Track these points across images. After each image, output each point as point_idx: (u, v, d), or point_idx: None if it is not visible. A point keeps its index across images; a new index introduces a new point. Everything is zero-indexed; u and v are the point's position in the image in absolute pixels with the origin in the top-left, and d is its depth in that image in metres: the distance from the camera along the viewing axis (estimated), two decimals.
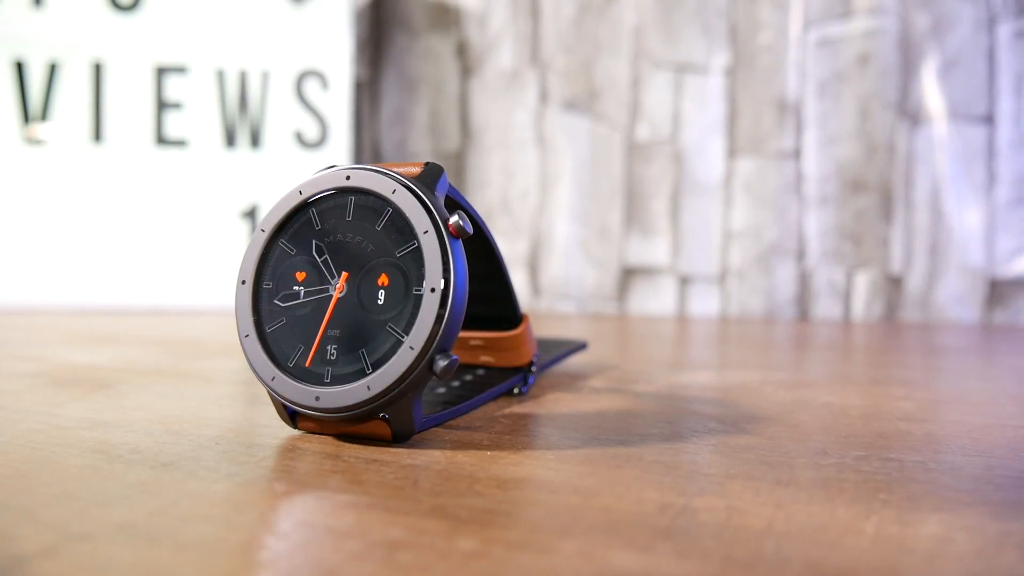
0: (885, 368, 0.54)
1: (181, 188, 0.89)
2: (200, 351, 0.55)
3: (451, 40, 1.05)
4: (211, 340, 0.64)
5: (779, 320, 0.90)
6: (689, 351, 0.64)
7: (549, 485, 0.24)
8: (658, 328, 0.80)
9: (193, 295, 0.89)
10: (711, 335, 0.75)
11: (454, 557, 0.18)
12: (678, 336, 0.75)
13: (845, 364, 0.55)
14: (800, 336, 0.74)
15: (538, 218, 1.01)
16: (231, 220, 0.90)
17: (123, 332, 0.66)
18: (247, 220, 0.91)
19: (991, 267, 0.82)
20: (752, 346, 0.66)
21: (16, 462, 0.26)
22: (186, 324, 0.73)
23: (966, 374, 0.52)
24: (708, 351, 0.64)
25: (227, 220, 0.90)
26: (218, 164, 0.90)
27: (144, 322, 0.74)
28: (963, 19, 0.82)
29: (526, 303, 1.02)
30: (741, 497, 0.23)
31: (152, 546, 0.19)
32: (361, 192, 0.29)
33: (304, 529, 0.20)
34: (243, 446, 0.28)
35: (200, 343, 0.61)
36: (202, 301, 0.89)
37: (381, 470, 0.25)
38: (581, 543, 0.19)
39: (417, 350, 0.27)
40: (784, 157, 0.90)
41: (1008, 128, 0.81)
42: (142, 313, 0.84)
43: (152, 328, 0.69)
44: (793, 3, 0.88)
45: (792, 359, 0.58)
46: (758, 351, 0.63)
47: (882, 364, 0.56)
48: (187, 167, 0.89)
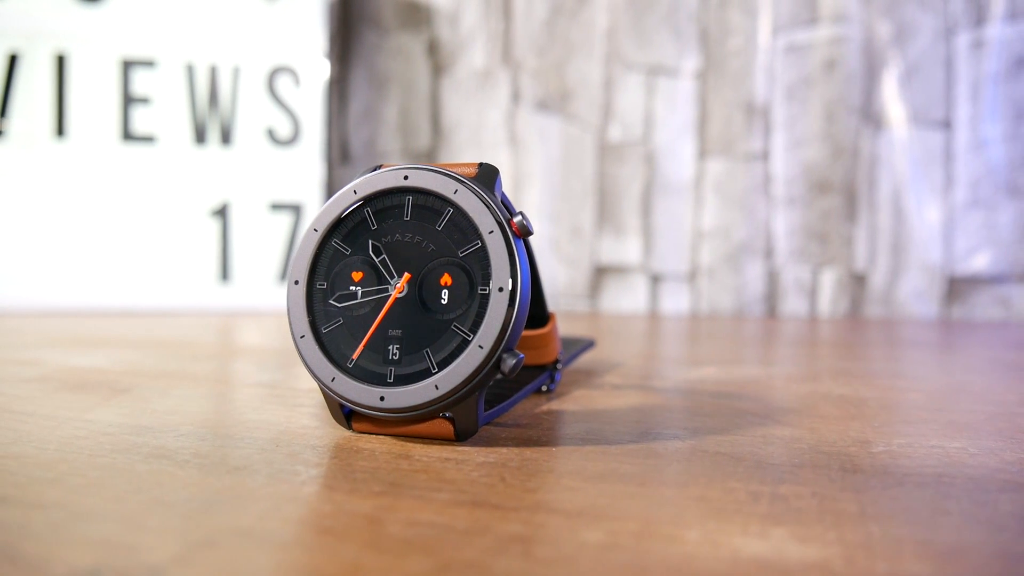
0: (875, 362, 0.56)
1: (149, 186, 0.86)
2: (197, 353, 0.54)
3: (422, 38, 1.04)
4: (201, 342, 0.62)
5: (749, 317, 0.92)
6: (682, 348, 0.65)
7: (634, 478, 0.25)
8: (635, 326, 0.81)
9: (162, 296, 0.86)
10: (691, 332, 0.77)
11: (588, 549, 0.19)
12: (660, 333, 0.76)
13: (835, 358, 0.57)
14: (776, 332, 0.76)
15: None
16: (201, 219, 0.88)
17: (105, 334, 0.64)
18: (217, 219, 0.89)
19: (949, 265, 0.86)
20: (736, 342, 0.68)
21: (82, 470, 0.25)
22: (165, 326, 0.71)
23: (954, 366, 0.55)
24: (699, 347, 0.65)
25: (197, 219, 0.88)
26: (187, 161, 0.88)
27: (119, 324, 0.72)
28: (923, 29, 0.85)
29: None
30: (819, 484, 0.24)
31: (283, 550, 0.19)
32: (420, 192, 0.30)
33: (426, 528, 0.20)
34: (306, 448, 0.28)
35: (192, 345, 0.60)
36: (172, 302, 0.86)
37: (461, 468, 0.26)
38: (700, 531, 0.20)
39: (487, 349, 0.27)
40: (753, 159, 0.92)
41: (965, 133, 0.85)
42: (110, 315, 0.81)
43: (132, 330, 0.67)
44: (762, 9, 0.91)
45: (783, 354, 0.60)
46: (745, 347, 0.65)
47: (870, 358, 0.58)
48: (155, 164, 0.87)
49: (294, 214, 0.91)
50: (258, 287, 0.90)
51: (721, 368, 0.50)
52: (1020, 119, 0.83)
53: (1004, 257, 0.85)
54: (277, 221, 0.91)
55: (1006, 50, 0.83)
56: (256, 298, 0.89)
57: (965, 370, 0.53)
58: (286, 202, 0.91)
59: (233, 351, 0.55)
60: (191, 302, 0.87)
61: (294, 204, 0.91)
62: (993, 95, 0.84)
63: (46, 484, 0.23)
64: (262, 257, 0.90)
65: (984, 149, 0.84)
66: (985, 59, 0.84)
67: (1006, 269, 0.85)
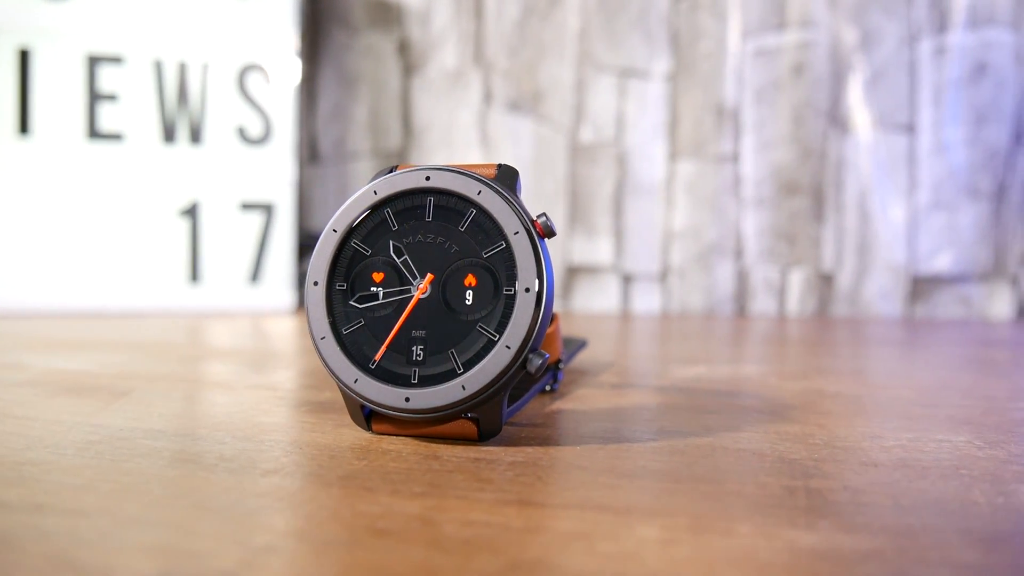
0: (855, 360, 0.58)
1: (116, 185, 0.84)
2: (183, 355, 0.53)
3: (392, 38, 1.04)
4: (182, 344, 0.61)
5: (719, 316, 0.94)
6: (663, 347, 0.66)
7: (667, 475, 0.25)
8: (609, 326, 0.82)
9: (131, 298, 0.84)
10: (667, 331, 0.78)
11: (648, 544, 0.19)
12: (637, 333, 0.77)
13: (816, 356, 0.58)
14: (749, 331, 0.77)
15: None
16: (170, 219, 0.86)
17: (80, 337, 0.62)
18: (187, 219, 0.87)
19: (913, 265, 0.89)
20: (714, 341, 0.69)
21: (110, 475, 0.24)
22: (138, 328, 0.70)
23: (932, 363, 0.57)
24: (680, 346, 0.66)
25: (166, 219, 0.86)
26: (156, 160, 0.86)
27: (91, 326, 0.70)
28: (888, 35, 0.88)
29: None
30: (846, 478, 0.25)
31: (347, 552, 0.18)
32: (442, 193, 0.30)
33: (482, 528, 0.20)
34: (329, 449, 0.28)
35: (174, 347, 0.58)
36: (140, 304, 0.84)
37: (495, 468, 0.26)
38: (751, 525, 0.20)
39: (514, 349, 0.28)
40: (723, 160, 0.94)
41: (928, 137, 0.87)
42: (78, 317, 0.79)
43: (106, 332, 0.66)
44: (732, 14, 0.92)
45: (765, 353, 0.61)
46: (724, 346, 0.66)
47: (849, 356, 0.60)
48: (122, 163, 0.85)
49: (265, 214, 0.90)
50: (228, 288, 0.88)
51: (710, 367, 0.51)
52: (980, 124, 0.86)
53: (965, 257, 0.88)
54: (248, 221, 0.89)
55: (967, 57, 0.86)
56: (226, 299, 0.88)
57: (945, 367, 0.55)
58: (257, 202, 0.89)
59: (218, 353, 0.54)
60: (160, 303, 0.85)
61: (265, 204, 0.90)
62: (955, 100, 0.86)
63: (78, 490, 0.23)
64: (232, 258, 0.89)
65: (946, 153, 0.87)
66: (947, 65, 0.86)
67: (967, 269, 0.88)
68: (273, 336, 0.68)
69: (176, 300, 0.86)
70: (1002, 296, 0.87)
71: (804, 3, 0.90)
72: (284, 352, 0.59)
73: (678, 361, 0.55)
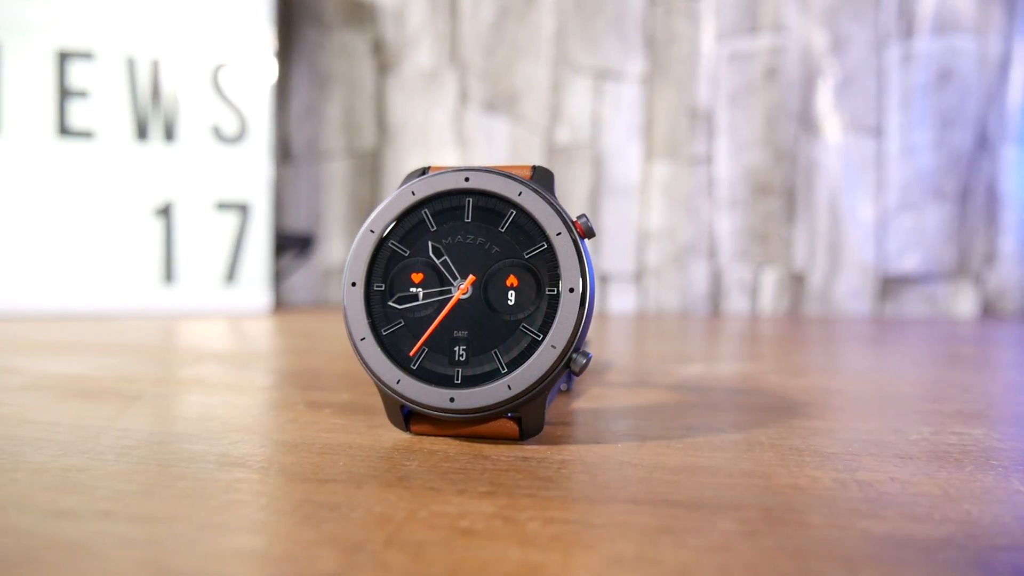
0: (843, 357, 0.60)
1: (87, 183, 0.82)
2: (178, 357, 0.52)
3: (366, 37, 1.03)
4: (172, 346, 0.60)
5: (694, 316, 0.95)
6: (653, 346, 0.67)
7: (719, 470, 0.26)
8: None
9: (103, 299, 0.82)
10: (648, 331, 0.79)
11: (736, 537, 0.19)
12: (619, 332, 0.78)
13: (804, 354, 0.60)
14: (728, 330, 0.79)
15: None
16: (143, 218, 0.84)
17: (61, 339, 0.61)
18: (161, 218, 0.85)
19: (882, 265, 0.92)
20: (698, 340, 0.70)
21: (164, 480, 0.24)
22: (116, 329, 0.68)
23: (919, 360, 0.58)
24: (670, 345, 0.67)
25: (139, 218, 0.84)
26: (128, 158, 0.84)
27: (68, 328, 0.68)
28: (857, 40, 0.91)
29: None
30: (889, 470, 0.26)
31: (444, 552, 0.19)
32: (481, 194, 0.30)
33: (564, 525, 0.20)
34: (376, 451, 0.28)
35: (164, 349, 0.57)
36: (113, 305, 0.82)
37: (548, 466, 0.26)
38: (820, 516, 0.21)
39: (560, 348, 0.28)
40: (697, 162, 0.96)
41: (896, 140, 0.90)
42: (51, 319, 0.77)
43: (85, 334, 0.64)
44: (705, 17, 0.94)
45: (753, 351, 0.63)
46: (710, 344, 0.67)
47: (836, 353, 0.61)
48: (94, 161, 0.82)
49: (241, 214, 0.88)
50: (204, 289, 0.87)
51: (708, 365, 0.52)
52: (945, 128, 0.89)
53: (931, 257, 0.91)
54: (223, 221, 0.88)
55: (933, 63, 0.89)
56: (202, 300, 0.86)
57: (933, 364, 0.56)
58: (232, 201, 0.88)
59: (212, 355, 0.53)
60: (133, 305, 0.83)
61: (241, 203, 0.88)
62: (921, 105, 0.89)
63: (139, 496, 0.22)
64: (208, 258, 0.87)
65: (913, 156, 0.90)
66: (914, 71, 0.89)
67: (933, 268, 0.91)
68: (259, 337, 0.67)
69: (150, 301, 0.84)
70: (966, 295, 0.91)
71: (776, 8, 0.92)
72: (278, 353, 0.58)
73: (674, 360, 0.55)
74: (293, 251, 1.06)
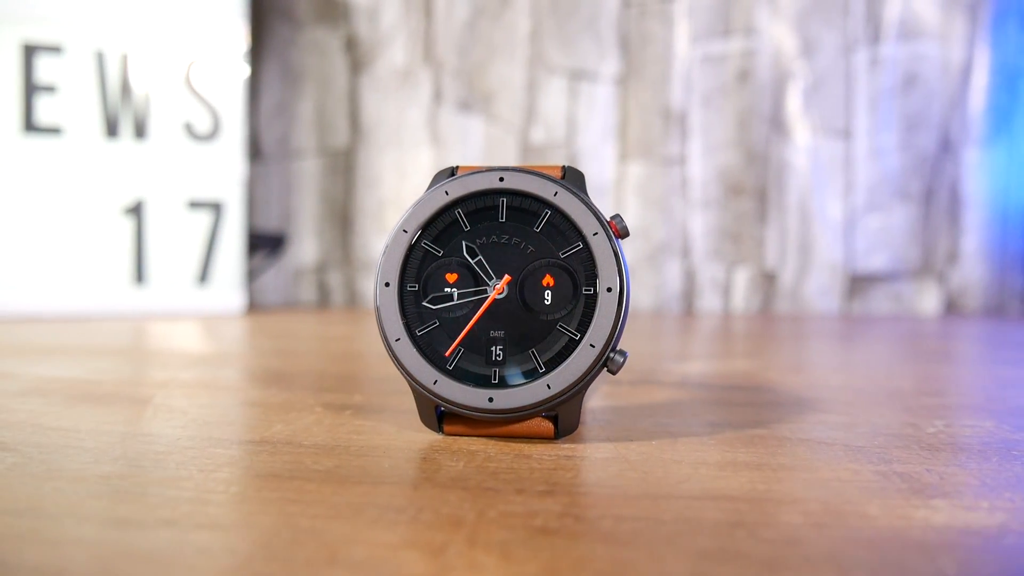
0: (828, 354, 0.61)
1: (55, 181, 0.80)
2: (172, 360, 0.51)
3: (339, 34, 1.02)
4: (160, 347, 0.58)
5: (668, 314, 0.97)
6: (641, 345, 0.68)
7: (764, 465, 0.26)
8: None
9: (72, 300, 0.80)
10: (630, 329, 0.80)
11: (805, 529, 0.20)
12: None
13: (792, 351, 0.61)
14: (708, 328, 0.80)
15: None
16: (113, 217, 0.82)
17: (40, 342, 0.59)
18: (131, 217, 0.83)
19: (850, 264, 0.94)
20: (684, 337, 0.71)
21: (215, 486, 0.24)
22: (93, 331, 0.66)
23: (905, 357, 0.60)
24: (658, 344, 0.68)
25: (109, 217, 0.82)
26: (98, 155, 0.81)
27: (41, 330, 0.66)
28: (826, 45, 0.93)
29: None
30: (922, 462, 0.26)
31: (530, 550, 0.19)
32: (516, 194, 0.30)
33: (636, 522, 0.21)
34: (415, 453, 0.28)
35: (153, 351, 0.56)
36: (82, 306, 0.80)
37: (593, 465, 0.26)
38: (876, 507, 0.22)
39: (599, 348, 0.28)
40: (671, 163, 0.97)
41: (863, 142, 0.93)
42: (18, 320, 0.74)
43: (63, 336, 0.62)
44: (679, 20, 0.95)
45: (743, 348, 0.64)
46: (698, 342, 0.68)
47: (822, 350, 0.63)
48: (62, 158, 0.80)
49: (214, 212, 0.87)
50: (175, 289, 0.85)
51: (702, 363, 0.53)
52: (911, 131, 0.92)
53: (897, 256, 0.93)
54: (195, 220, 0.86)
55: (899, 68, 0.92)
56: (173, 301, 0.84)
57: (917, 360, 0.58)
58: (205, 200, 0.86)
59: (205, 357, 0.52)
60: (103, 306, 0.81)
61: (214, 202, 0.87)
62: (888, 108, 0.92)
63: (197, 503, 0.22)
64: (179, 258, 0.85)
65: (880, 157, 0.92)
66: (881, 75, 0.92)
67: (899, 267, 0.94)
68: (241, 339, 0.66)
69: (120, 302, 0.82)
70: (930, 293, 0.94)
71: (748, 12, 0.94)
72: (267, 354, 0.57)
73: (666, 358, 0.56)
74: (264, 251, 1.04)
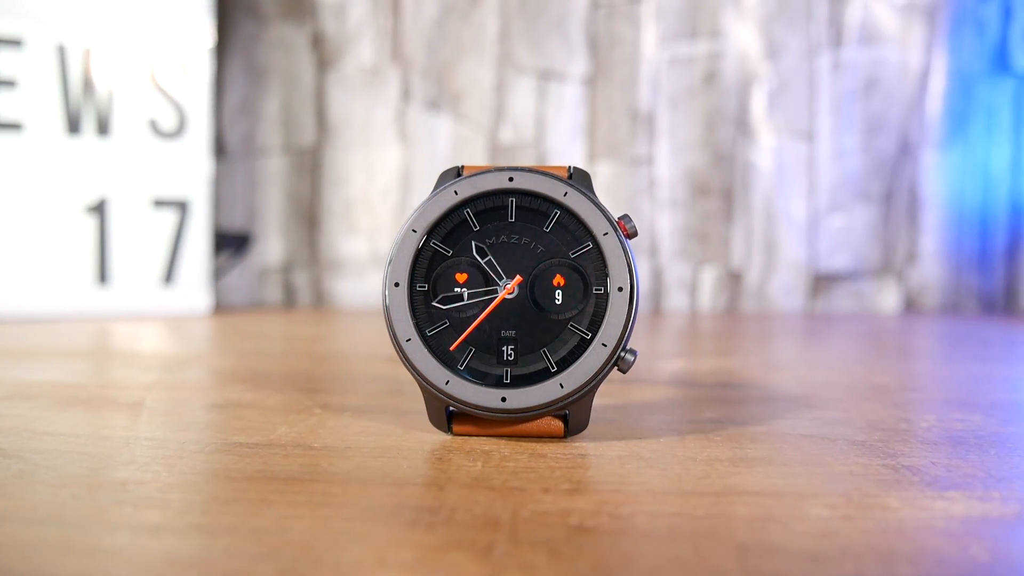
0: (802, 351, 0.62)
1: (15, 179, 0.77)
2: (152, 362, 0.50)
3: (305, 31, 1.01)
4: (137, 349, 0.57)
5: None
6: None
7: (773, 460, 0.27)
8: None
9: (32, 301, 0.78)
10: None
11: (834, 521, 0.20)
12: None
13: (766, 349, 0.62)
14: (679, 326, 0.81)
15: (400, 216, 1.01)
16: (75, 216, 0.80)
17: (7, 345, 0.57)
18: (94, 216, 0.81)
19: (813, 263, 0.96)
20: (656, 336, 0.72)
21: (236, 492, 0.23)
22: (58, 333, 0.64)
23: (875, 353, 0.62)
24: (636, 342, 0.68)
25: (71, 216, 0.80)
26: (59, 152, 0.79)
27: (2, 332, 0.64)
28: (790, 48, 0.95)
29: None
30: (925, 455, 0.27)
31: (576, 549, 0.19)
32: (525, 194, 0.30)
33: (673, 518, 0.21)
34: (430, 454, 0.28)
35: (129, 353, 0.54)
36: (43, 307, 0.78)
37: (610, 463, 0.26)
38: (896, 499, 0.22)
39: (611, 347, 0.28)
40: (639, 163, 0.98)
41: (826, 144, 0.95)
42: None
43: (28, 339, 0.60)
44: (647, 22, 0.96)
45: (719, 346, 0.65)
46: (672, 340, 0.69)
47: (797, 348, 0.64)
48: (22, 154, 0.77)
49: (179, 211, 0.85)
50: (140, 289, 0.83)
51: (689, 361, 0.54)
52: (872, 133, 0.95)
53: (858, 256, 0.96)
54: (160, 219, 0.84)
55: (860, 72, 0.94)
56: (138, 301, 0.82)
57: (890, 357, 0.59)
58: (170, 198, 0.84)
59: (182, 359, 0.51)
60: (65, 307, 0.79)
61: (179, 200, 0.85)
62: (849, 111, 0.94)
63: (231, 508, 0.22)
64: (144, 257, 0.83)
65: (842, 159, 0.95)
66: (843, 78, 0.94)
67: (860, 266, 0.96)
68: (213, 339, 0.65)
69: (83, 303, 0.80)
70: (890, 291, 0.96)
71: (714, 15, 0.95)
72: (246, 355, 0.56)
73: (648, 357, 0.57)
74: (229, 250, 1.03)
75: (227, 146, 1.02)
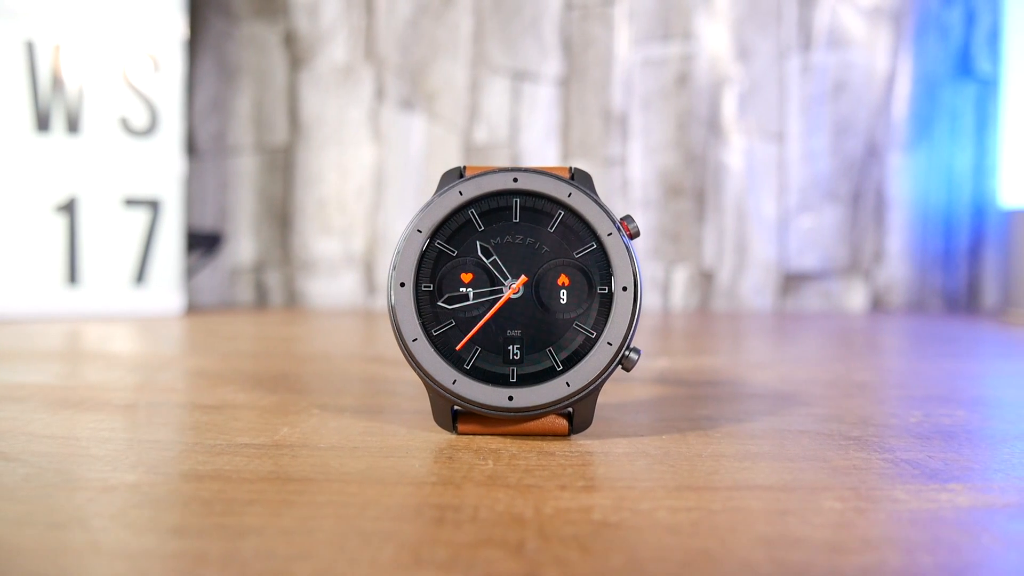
0: (781, 348, 0.64)
1: None
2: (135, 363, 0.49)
3: (278, 29, 1.00)
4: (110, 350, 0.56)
5: None
6: None
7: (777, 455, 0.27)
8: None
9: (1, 302, 0.76)
10: None
11: (848, 514, 0.21)
12: None
13: (746, 347, 0.64)
14: (654, 325, 0.82)
15: (374, 216, 1.00)
16: (45, 215, 0.78)
17: None
18: (64, 215, 0.79)
19: (783, 263, 0.98)
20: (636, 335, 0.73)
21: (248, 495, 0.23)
22: (34, 335, 0.63)
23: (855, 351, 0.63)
24: None
25: (40, 215, 0.78)
26: (28, 150, 0.77)
27: None
28: (760, 51, 0.96)
29: (361, 302, 1.01)
30: (921, 448, 0.28)
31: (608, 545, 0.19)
32: (529, 194, 0.30)
33: (693, 513, 0.21)
34: (439, 453, 0.28)
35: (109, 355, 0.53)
36: (11, 308, 0.76)
37: (618, 459, 0.27)
38: (902, 491, 0.23)
39: (616, 345, 0.29)
40: (612, 163, 0.99)
41: (795, 145, 0.97)
42: None
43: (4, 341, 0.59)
44: (620, 23, 0.97)
45: (700, 345, 0.66)
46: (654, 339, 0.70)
47: (775, 346, 0.66)
48: None
49: (151, 210, 0.84)
50: (111, 290, 0.81)
51: (670, 359, 0.55)
52: (840, 135, 0.97)
53: (827, 255, 0.98)
54: (132, 218, 0.83)
55: (828, 75, 0.96)
56: (109, 302, 0.81)
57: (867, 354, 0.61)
58: (142, 197, 0.83)
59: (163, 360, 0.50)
60: (34, 308, 0.77)
61: (151, 200, 0.83)
62: (818, 113, 0.96)
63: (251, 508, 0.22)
64: (115, 257, 0.82)
65: (811, 160, 0.97)
66: (812, 81, 0.96)
67: (828, 266, 0.98)
68: (190, 340, 0.64)
69: (53, 304, 0.78)
70: (857, 290, 0.99)
71: (686, 18, 0.97)
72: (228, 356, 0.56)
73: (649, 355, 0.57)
74: (199, 250, 1.01)
75: (198, 145, 1.00)
